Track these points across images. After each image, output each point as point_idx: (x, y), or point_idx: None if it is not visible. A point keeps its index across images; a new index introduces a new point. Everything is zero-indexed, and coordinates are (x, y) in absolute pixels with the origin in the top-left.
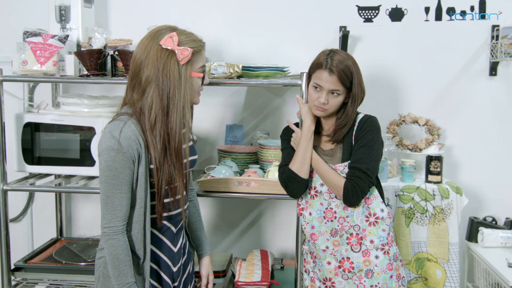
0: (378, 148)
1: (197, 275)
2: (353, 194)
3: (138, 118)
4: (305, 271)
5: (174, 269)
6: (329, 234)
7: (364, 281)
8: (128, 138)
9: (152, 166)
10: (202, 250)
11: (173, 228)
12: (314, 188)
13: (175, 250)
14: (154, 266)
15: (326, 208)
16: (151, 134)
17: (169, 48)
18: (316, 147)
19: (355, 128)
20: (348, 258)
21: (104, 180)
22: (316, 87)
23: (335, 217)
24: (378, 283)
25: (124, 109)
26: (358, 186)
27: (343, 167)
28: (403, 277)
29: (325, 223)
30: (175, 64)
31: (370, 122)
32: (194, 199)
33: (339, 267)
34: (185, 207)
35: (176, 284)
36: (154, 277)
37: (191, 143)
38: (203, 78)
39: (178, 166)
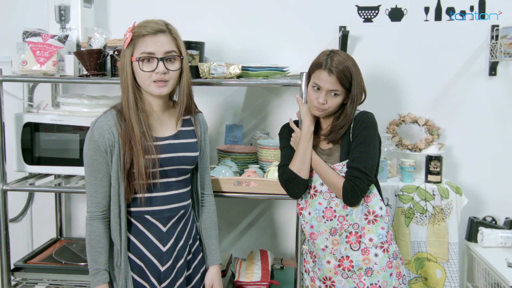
0: (375, 145)
1: None
2: (352, 194)
3: (121, 110)
4: (305, 271)
5: (162, 269)
6: (328, 233)
7: (364, 279)
8: (100, 127)
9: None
10: (208, 259)
11: (160, 226)
12: (314, 188)
13: (164, 249)
14: (139, 262)
15: (326, 207)
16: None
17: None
18: (315, 146)
19: (352, 125)
20: (347, 256)
21: (84, 168)
22: (315, 87)
23: (335, 216)
24: (378, 281)
25: (116, 103)
26: (357, 186)
27: (341, 166)
28: (404, 275)
29: (324, 222)
30: (124, 49)
31: (366, 118)
32: (208, 205)
33: (339, 265)
34: (176, 205)
35: (164, 285)
36: (140, 274)
37: (190, 140)
38: (141, 64)
39: (135, 151)
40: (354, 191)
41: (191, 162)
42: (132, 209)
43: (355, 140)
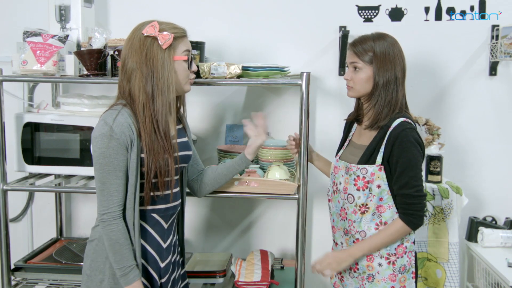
0: (420, 165)
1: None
2: (418, 222)
3: (131, 107)
4: None
5: (162, 265)
6: (342, 231)
7: (365, 283)
8: (121, 124)
9: (143, 155)
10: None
11: (163, 223)
12: (336, 184)
13: (164, 246)
14: (141, 260)
15: (341, 207)
16: (141, 118)
17: (151, 35)
18: (351, 141)
19: (386, 137)
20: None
21: (99, 167)
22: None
23: (346, 218)
24: None
25: (118, 102)
26: (415, 213)
27: (356, 169)
28: None
29: (340, 220)
30: (158, 49)
31: (405, 137)
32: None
33: None
34: (177, 203)
35: (163, 280)
36: (143, 271)
37: (186, 139)
38: (189, 62)
39: (167, 147)
40: (415, 219)
41: (188, 160)
42: (141, 207)
43: (399, 165)
